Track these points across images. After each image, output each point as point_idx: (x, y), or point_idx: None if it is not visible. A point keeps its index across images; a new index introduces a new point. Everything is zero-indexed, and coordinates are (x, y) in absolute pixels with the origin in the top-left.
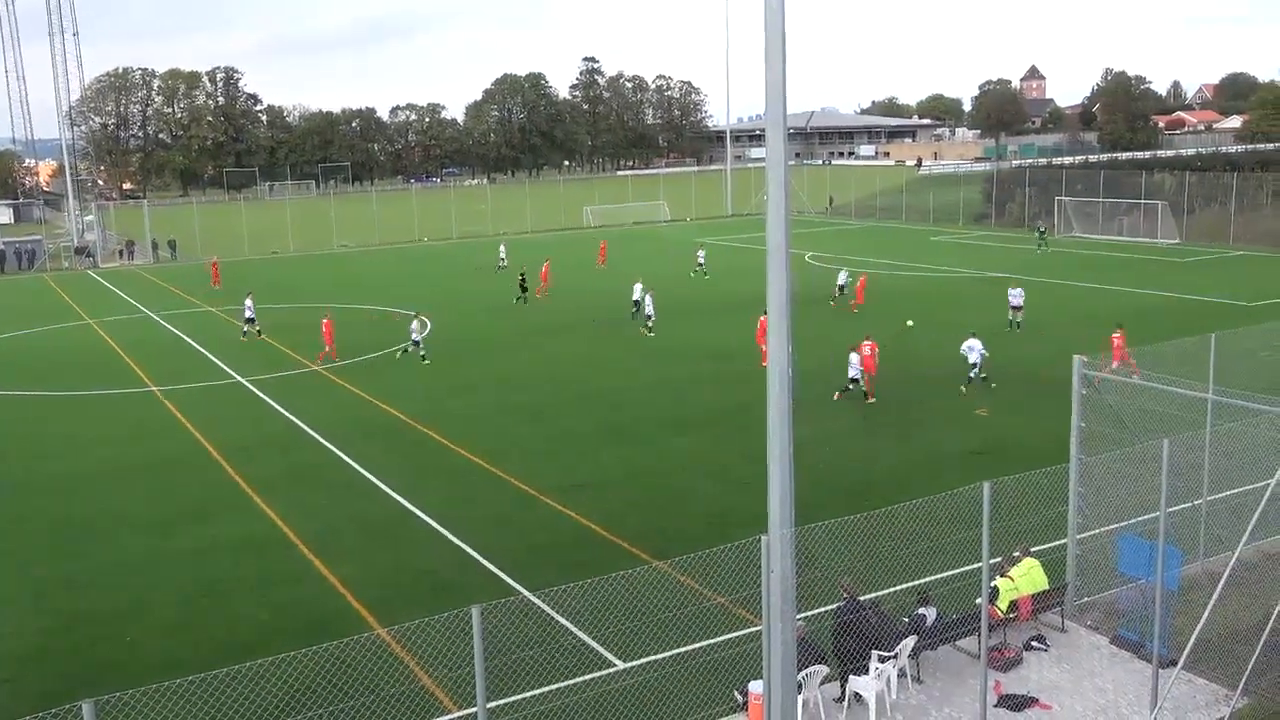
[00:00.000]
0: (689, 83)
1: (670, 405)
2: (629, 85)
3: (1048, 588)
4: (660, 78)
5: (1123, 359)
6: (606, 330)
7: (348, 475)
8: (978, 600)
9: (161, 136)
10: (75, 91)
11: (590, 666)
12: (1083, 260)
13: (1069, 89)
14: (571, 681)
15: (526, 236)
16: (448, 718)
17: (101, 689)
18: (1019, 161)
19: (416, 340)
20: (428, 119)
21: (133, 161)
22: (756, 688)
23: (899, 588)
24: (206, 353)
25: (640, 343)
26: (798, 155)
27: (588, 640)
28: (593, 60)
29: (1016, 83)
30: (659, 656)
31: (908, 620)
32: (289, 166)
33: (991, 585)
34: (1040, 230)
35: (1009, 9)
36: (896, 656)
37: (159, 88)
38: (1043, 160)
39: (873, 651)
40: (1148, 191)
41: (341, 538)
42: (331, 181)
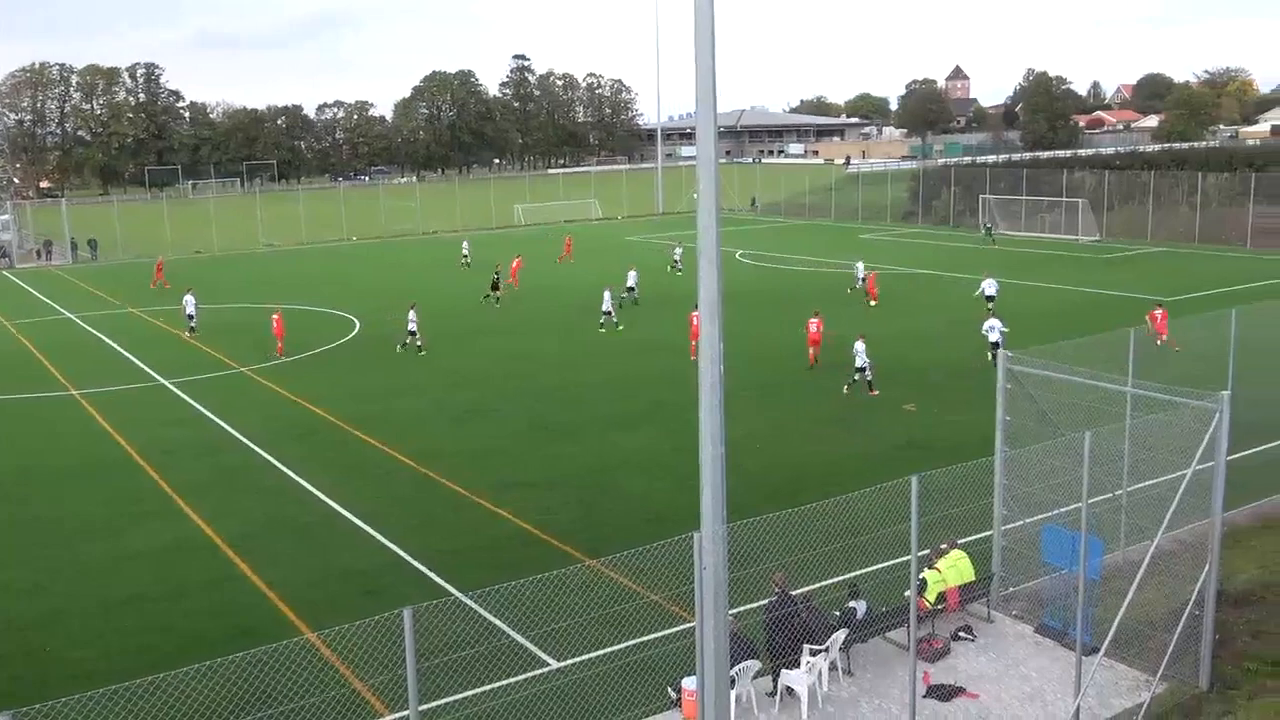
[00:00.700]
0: (620, 81)
1: (609, 402)
2: (559, 83)
3: (974, 579)
4: (591, 76)
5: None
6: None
7: (275, 478)
8: (906, 593)
9: (80, 134)
10: None
11: (524, 666)
12: (1007, 257)
13: (992, 89)
14: (505, 682)
15: (483, 233)
16: None
17: (19, 701)
18: (944, 160)
19: (413, 330)
20: (355, 116)
21: (50, 159)
22: (690, 684)
23: (830, 582)
24: (129, 355)
25: (583, 339)
26: (728, 153)
27: (521, 640)
28: (523, 58)
29: (942, 82)
30: (593, 655)
31: (838, 614)
32: (213, 165)
33: (920, 578)
34: (988, 227)
35: (934, 9)
36: (828, 650)
37: (77, 84)
38: (967, 159)
39: (804, 645)
40: (1069, 189)
41: (269, 541)
42: (257, 180)
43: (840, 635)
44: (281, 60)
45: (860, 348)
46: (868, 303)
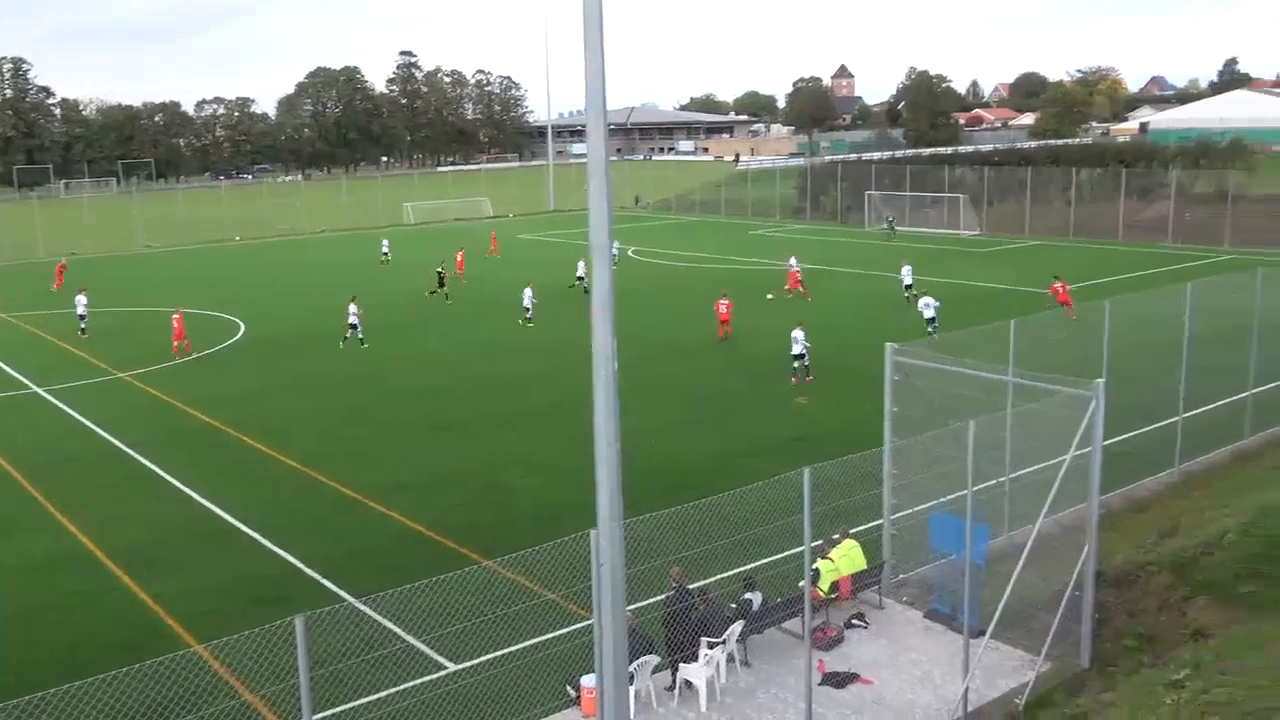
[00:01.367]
0: (509, 78)
1: (496, 401)
2: (448, 80)
3: (866, 567)
4: (480, 73)
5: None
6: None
7: (159, 487)
8: (801, 583)
9: None
10: None
11: (420, 670)
12: (892, 252)
13: (876, 87)
14: (402, 687)
15: (406, 229)
16: None
17: None
18: (831, 157)
19: (354, 324)
20: (237, 113)
21: None
22: (589, 681)
23: (725, 575)
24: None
25: (471, 339)
26: (619, 151)
27: (417, 644)
28: (410, 55)
29: (827, 80)
30: (491, 656)
31: (735, 606)
32: (87, 163)
33: (813, 568)
34: (890, 221)
35: (819, 8)
36: (725, 642)
37: None
38: (853, 156)
39: (702, 639)
40: (950, 185)
41: (153, 552)
42: (134, 178)
43: (737, 627)
44: (159, 55)
45: (798, 335)
46: (784, 294)
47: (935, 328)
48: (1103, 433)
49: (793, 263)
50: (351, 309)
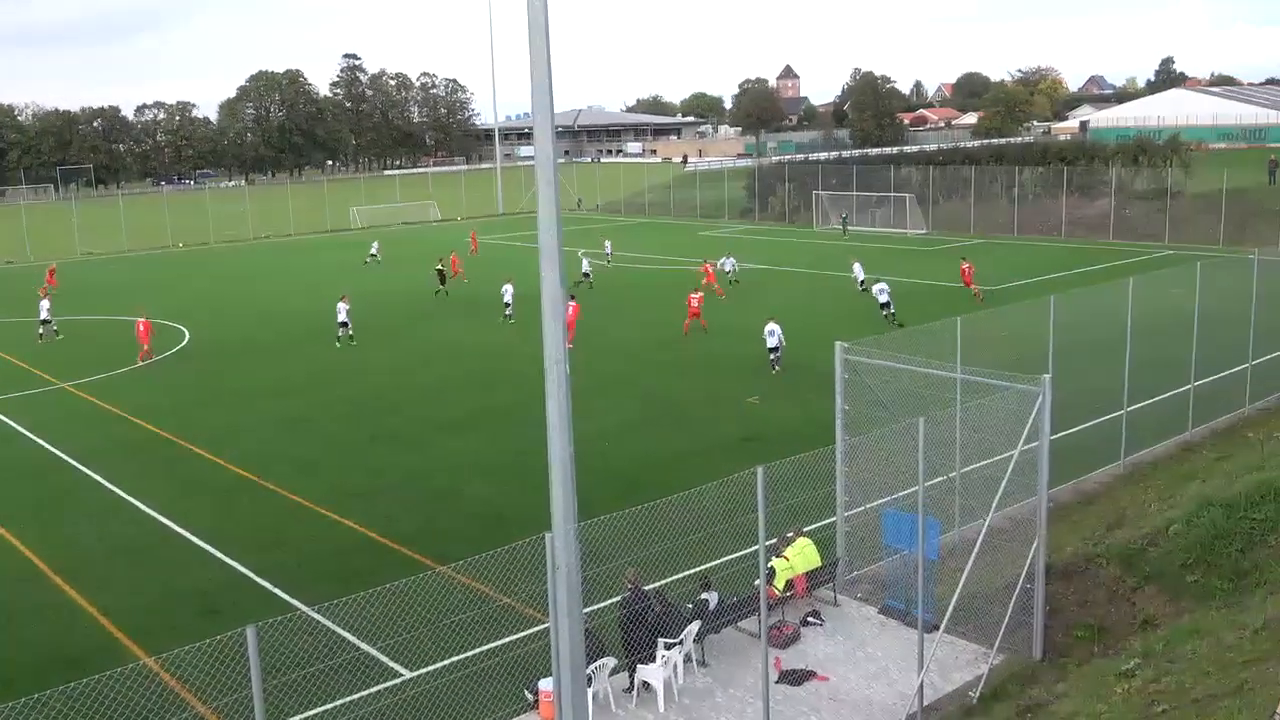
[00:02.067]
0: (455, 80)
1: (442, 406)
2: (393, 83)
3: (820, 565)
4: (425, 75)
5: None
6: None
7: (103, 498)
8: (756, 582)
9: None
10: None
11: (376, 678)
12: (842, 250)
13: (822, 88)
14: (357, 695)
15: (347, 235)
16: None
17: None
18: (778, 158)
19: (344, 321)
20: (178, 118)
21: None
22: (547, 685)
23: (681, 575)
24: None
25: (411, 344)
26: (567, 153)
27: (372, 651)
28: (354, 58)
29: (773, 81)
30: (447, 662)
31: (691, 606)
32: (23, 169)
33: (768, 566)
34: (844, 217)
35: (764, 9)
36: (682, 643)
37: None
38: (800, 156)
39: (659, 640)
40: (896, 185)
41: (99, 565)
42: (72, 185)
43: (694, 627)
44: (97, 59)
45: (774, 328)
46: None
47: (891, 311)
48: (1050, 427)
49: (728, 262)
50: (341, 307)
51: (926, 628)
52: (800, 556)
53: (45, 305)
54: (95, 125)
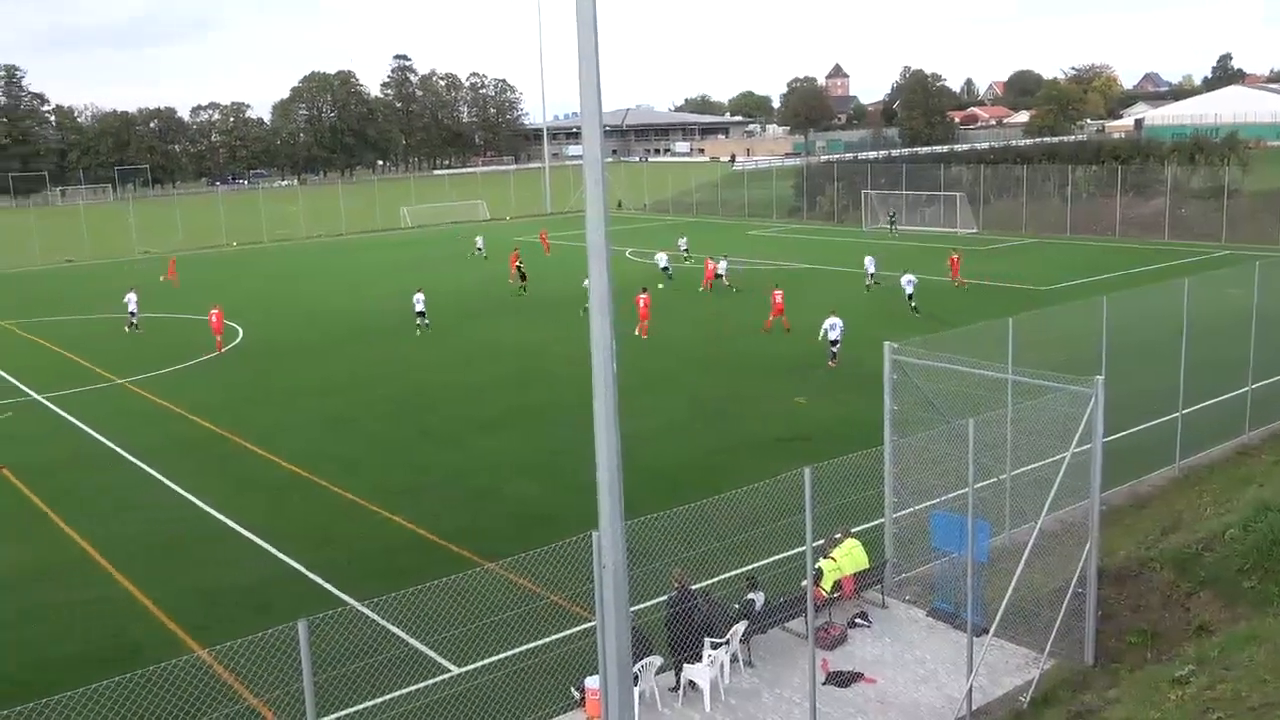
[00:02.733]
0: (504, 80)
1: (486, 405)
2: (442, 84)
3: (868, 566)
4: (474, 75)
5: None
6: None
7: (158, 492)
8: (803, 582)
9: None
10: None
11: (424, 674)
12: (893, 250)
13: (871, 86)
14: (405, 690)
15: (397, 234)
16: None
17: None
18: (827, 157)
19: (421, 311)
20: (232, 119)
21: None
22: (593, 683)
23: (728, 575)
24: None
25: (456, 343)
26: (614, 152)
27: (420, 647)
28: (404, 58)
29: (822, 80)
30: (493, 659)
31: (737, 606)
32: (82, 170)
33: (815, 567)
34: (892, 216)
35: (813, 8)
36: (728, 642)
37: None
38: (849, 155)
39: (705, 639)
40: (947, 184)
41: (154, 558)
42: (129, 185)
43: (740, 627)
44: (154, 61)
45: (835, 322)
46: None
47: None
48: (1103, 429)
49: (723, 264)
50: (418, 298)
51: (976, 631)
52: (848, 558)
53: (133, 298)
54: (152, 126)
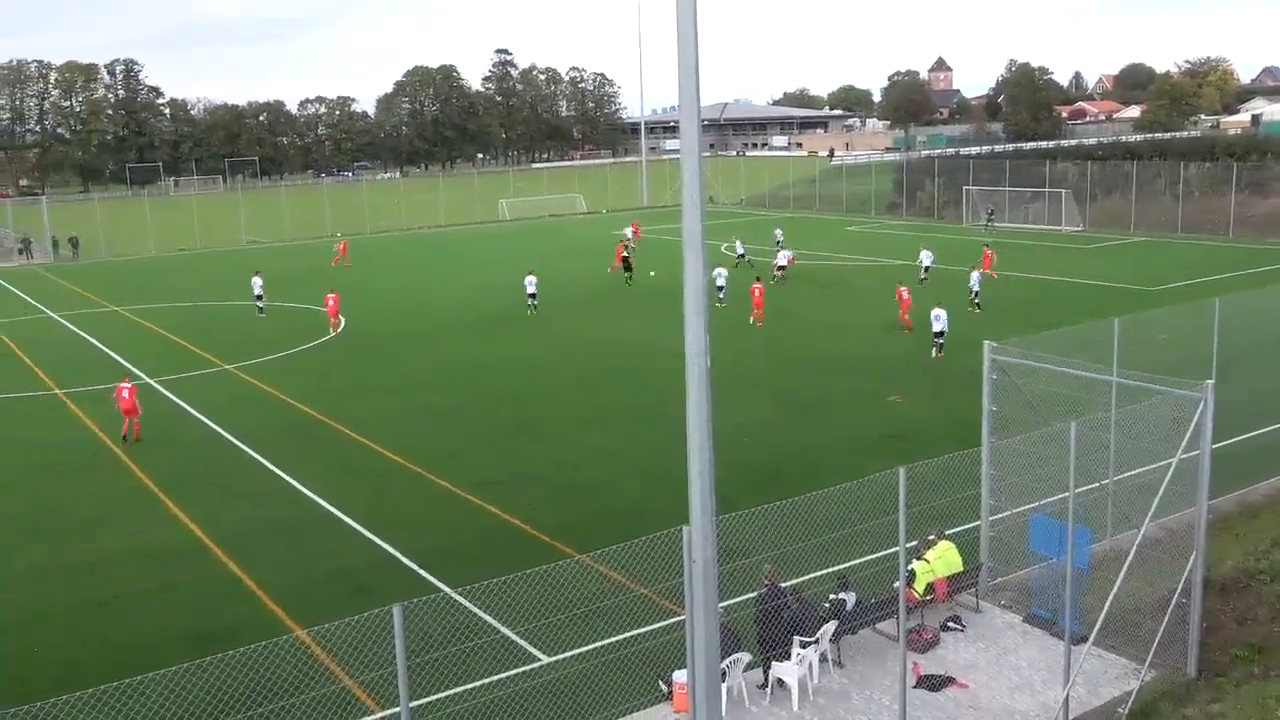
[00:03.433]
0: (603, 74)
1: (581, 400)
2: (542, 77)
3: (962, 570)
4: (574, 69)
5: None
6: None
7: (263, 477)
8: (895, 584)
9: (60, 131)
10: None
11: (514, 662)
12: (995, 248)
13: (975, 80)
14: (496, 677)
15: (487, 227)
16: (371, 718)
17: (2, 703)
18: (928, 152)
19: (533, 294)
20: (338, 112)
21: (29, 157)
22: (681, 677)
23: (819, 574)
24: (111, 353)
25: (556, 337)
26: (712, 146)
27: (511, 635)
28: (505, 52)
29: (924, 74)
30: (583, 650)
31: (828, 605)
32: (194, 161)
33: (908, 569)
34: (990, 212)
35: (916, 0)
36: (818, 641)
37: (56, 80)
38: (951, 150)
39: (794, 637)
40: (1052, 180)
41: (258, 541)
42: (239, 176)
43: (830, 627)
44: (263, 56)
45: (940, 313)
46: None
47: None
48: (1211, 435)
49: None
50: (530, 280)
51: (1074, 639)
52: (941, 560)
53: (258, 282)
54: (261, 119)
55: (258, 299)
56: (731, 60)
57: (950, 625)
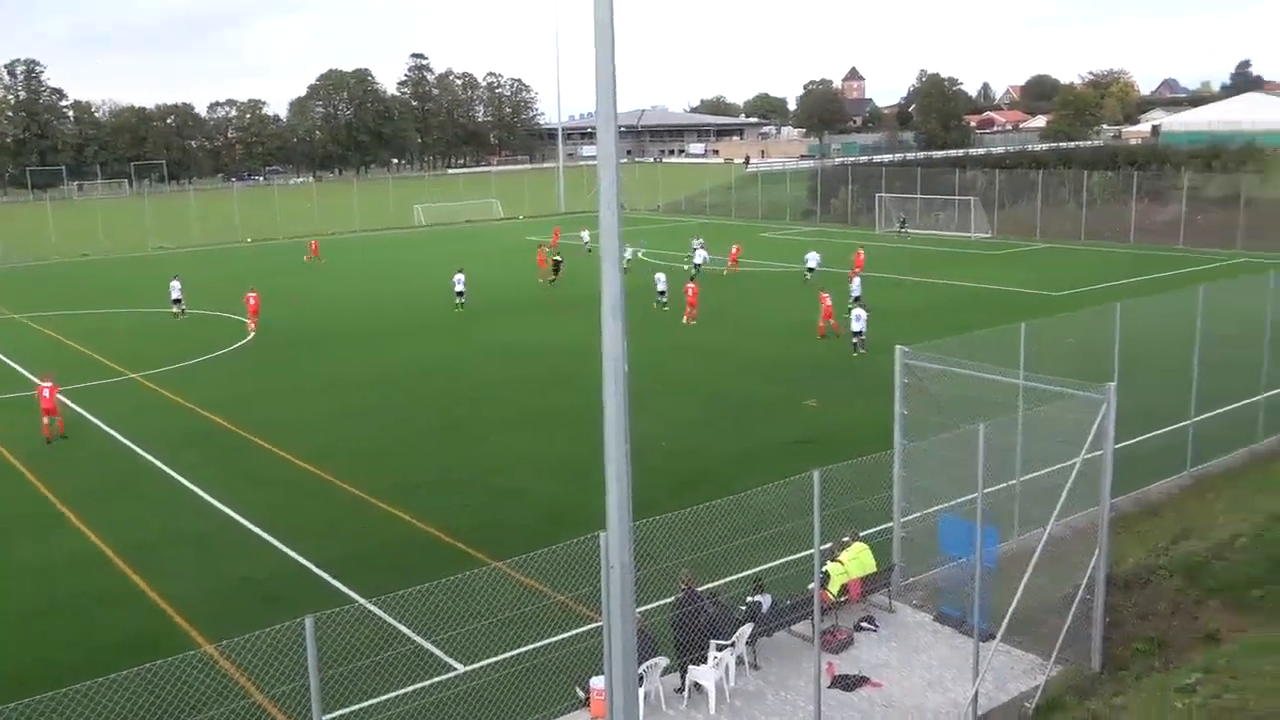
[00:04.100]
0: (520, 80)
1: (505, 403)
2: (459, 83)
3: (876, 570)
4: (491, 75)
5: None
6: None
7: (169, 487)
8: (810, 586)
9: None
10: None
11: (430, 672)
12: (904, 254)
13: (887, 89)
14: (411, 688)
15: (407, 232)
16: None
17: None
18: (842, 159)
19: (461, 292)
20: (248, 115)
21: None
22: (598, 683)
23: (735, 577)
24: (11, 363)
25: (478, 342)
26: (629, 153)
27: (426, 645)
28: (421, 57)
29: (838, 83)
30: (500, 657)
31: (744, 608)
32: (99, 165)
33: (823, 570)
34: (901, 220)
35: (830, 11)
36: (734, 644)
37: None
38: (864, 158)
39: (711, 641)
40: (961, 188)
41: (164, 552)
42: (146, 180)
43: (746, 630)
44: (172, 58)
45: (860, 314)
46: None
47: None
48: (1114, 436)
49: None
50: (458, 278)
51: (982, 636)
52: (855, 561)
53: (176, 285)
54: (169, 122)
55: (176, 302)
56: (649, 67)
57: (864, 626)
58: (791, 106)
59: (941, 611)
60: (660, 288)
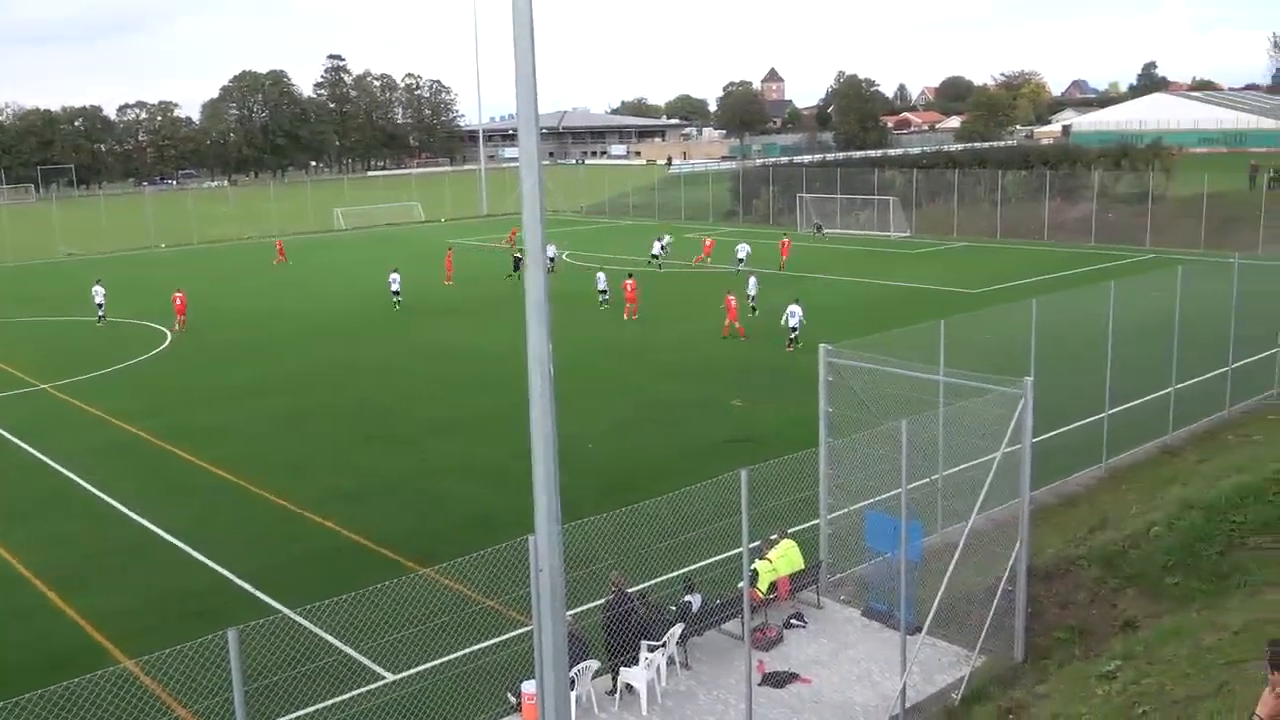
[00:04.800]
0: (439, 82)
1: (435, 406)
2: (377, 84)
3: (804, 567)
4: (410, 76)
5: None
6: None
7: (85, 500)
8: (739, 584)
9: None
10: None
11: (358, 681)
12: (825, 253)
13: (805, 90)
14: (339, 698)
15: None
16: None
17: None
18: (763, 160)
19: (397, 291)
20: (159, 118)
21: None
22: (529, 687)
23: (666, 577)
24: None
25: (407, 344)
26: (551, 155)
27: (354, 654)
28: (338, 58)
29: (758, 84)
30: (430, 665)
31: (675, 609)
32: (3, 169)
33: (752, 569)
34: (818, 224)
35: (748, 12)
36: (665, 645)
37: None
38: (785, 159)
39: (642, 642)
40: (880, 188)
41: (81, 567)
42: (53, 185)
43: (677, 630)
44: (79, 59)
45: (795, 309)
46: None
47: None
48: (1032, 429)
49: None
50: (394, 277)
51: (909, 630)
52: (784, 559)
53: (99, 291)
54: (77, 125)
55: (99, 307)
56: (569, 68)
57: (793, 622)
58: (712, 108)
59: (869, 606)
60: (601, 286)
